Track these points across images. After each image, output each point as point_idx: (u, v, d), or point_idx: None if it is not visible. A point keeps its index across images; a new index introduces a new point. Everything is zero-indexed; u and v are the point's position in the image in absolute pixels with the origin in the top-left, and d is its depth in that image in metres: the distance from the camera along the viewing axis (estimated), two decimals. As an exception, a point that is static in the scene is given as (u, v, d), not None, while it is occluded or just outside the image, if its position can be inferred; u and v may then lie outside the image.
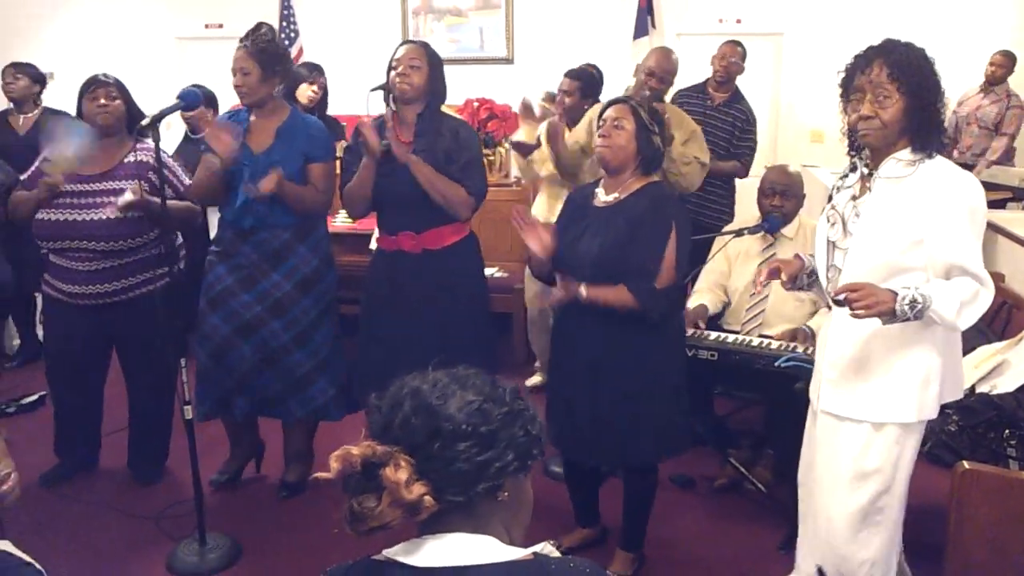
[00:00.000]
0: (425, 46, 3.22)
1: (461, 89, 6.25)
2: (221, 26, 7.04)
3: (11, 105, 4.98)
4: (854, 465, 2.26)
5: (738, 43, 4.98)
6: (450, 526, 1.27)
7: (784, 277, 2.45)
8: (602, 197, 2.80)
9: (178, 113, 3.43)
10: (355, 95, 3.35)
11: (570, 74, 4.39)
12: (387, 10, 7.19)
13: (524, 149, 4.21)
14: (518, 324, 4.98)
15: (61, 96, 5.33)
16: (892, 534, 2.30)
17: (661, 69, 3.99)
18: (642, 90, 3.94)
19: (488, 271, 5.23)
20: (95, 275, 3.31)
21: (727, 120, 4.73)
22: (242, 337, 3.28)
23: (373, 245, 4.35)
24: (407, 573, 1.26)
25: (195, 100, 3.19)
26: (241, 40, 3.22)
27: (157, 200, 3.07)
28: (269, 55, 3.20)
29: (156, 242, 3.36)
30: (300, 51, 7.07)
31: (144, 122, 2.95)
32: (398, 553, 1.29)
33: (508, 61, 7.01)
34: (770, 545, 3.14)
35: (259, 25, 3.27)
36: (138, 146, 3.36)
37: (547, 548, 1.34)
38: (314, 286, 3.34)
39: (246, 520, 3.37)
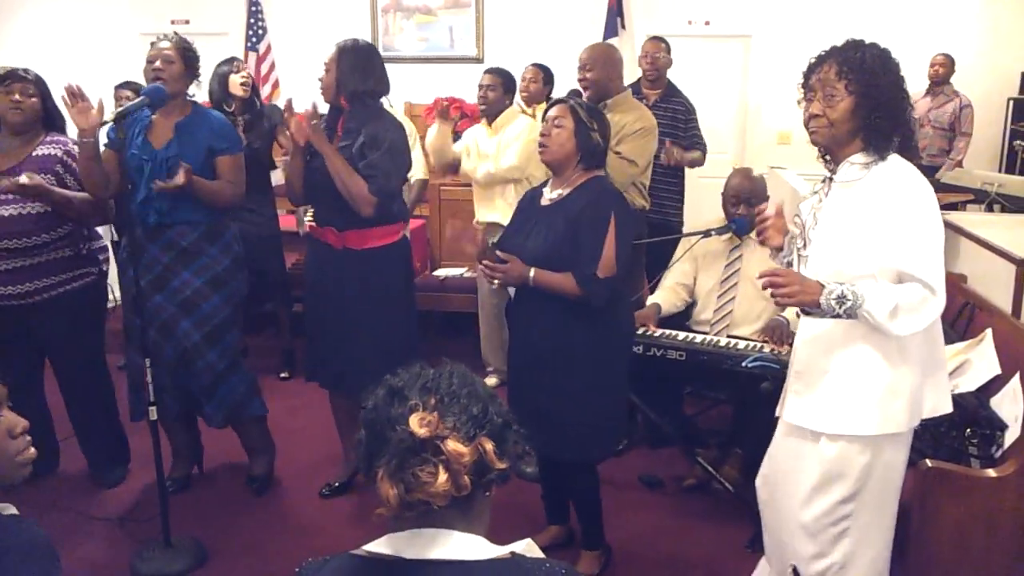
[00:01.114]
0: (340, 46, 3.23)
1: (431, 88, 6.27)
2: (187, 22, 6.96)
3: None
4: (816, 474, 2.24)
5: (661, 39, 5.01)
6: (445, 520, 1.28)
7: (775, 237, 2.42)
8: (547, 195, 2.84)
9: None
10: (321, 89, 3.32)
11: (491, 70, 4.42)
12: (356, 8, 7.15)
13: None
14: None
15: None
16: (867, 539, 2.27)
17: (581, 61, 3.92)
18: None
19: (453, 271, 5.28)
20: (11, 275, 3.23)
21: (666, 115, 4.73)
22: (163, 338, 3.27)
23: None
24: (392, 566, 1.26)
25: (161, 96, 3.15)
26: (160, 37, 3.24)
27: (57, 188, 3.09)
28: (192, 54, 3.25)
29: (68, 239, 3.32)
30: (268, 48, 7.00)
31: (109, 117, 2.91)
32: (382, 546, 1.29)
33: (478, 60, 6.98)
34: (738, 543, 3.17)
35: (175, 33, 3.30)
36: (46, 139, 3.31)
37: (530, 547, 1.35)
38: (225, 285, 3.33)
39: (211, 520, 3.34)
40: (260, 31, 6.99)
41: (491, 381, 4.53)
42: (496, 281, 2.78)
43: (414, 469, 1.23)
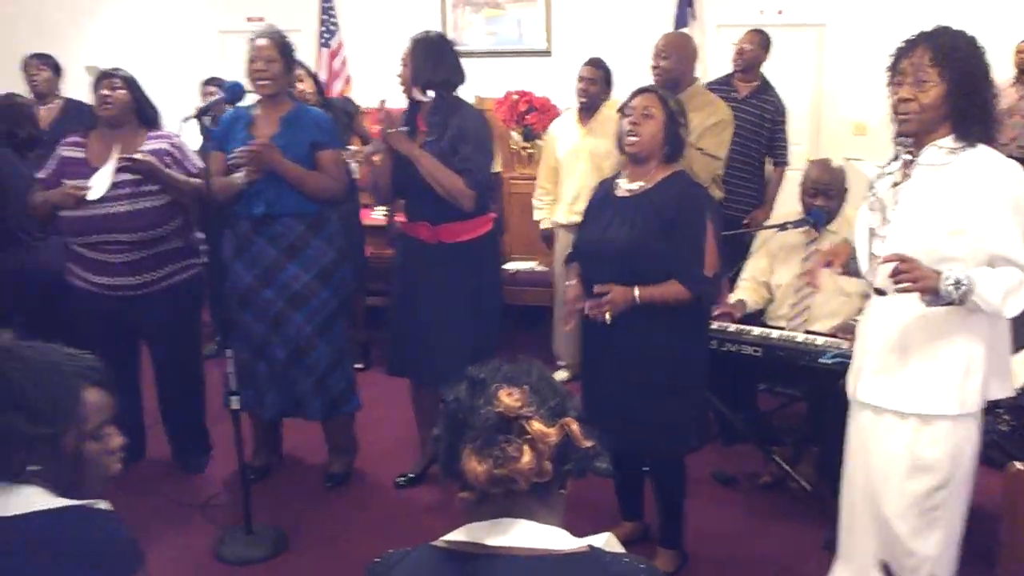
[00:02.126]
0: (414, 39, 3.25)
1: (499, 82, 6.27)
2: (262, 19, 7.08)
3: (32, 97, 4.87)
4: (906, 458, 2.21)
5: (759, 31, 4.88)
6: (525, 509, 1.30)
7: (838, 269, 2.42)
8: (625, 187, 2.79)
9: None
10: (395, 88, 3.36)
11: (592, 62, 4.37)
12: (426, 2, 7.19)
13: None
14: (552, 317, 4.97)
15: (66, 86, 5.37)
16: (953, 531, 2.24)
17: (658, 49, 3.88)
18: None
19: (523, 265, 5.29)
20: (127, 266, 3.34)
21: (754, 111, 4.65)
22: (274, 333, 3.33)
23: None
24: (473, 554, 1.28)
25: (239, 93, 3.22)
26: (258, 32, 3.28)
27: (167, 170, 3.22)
28: (290, 50, 3.30)
29: (179, 233, 3.41)
30: (340, 44, 7.09)
31: (190, 114, 3.00)
32: (461, 535, 1.31)
33: (546, 53, 6.97)
34: (815, 543, 3.10)
35: (270, 25, 3.35)
36: (151, 134, 3.40)
37: (610, 541, 1.36)
38: (332, 277, 3.38)
39: (292, 510, 3.41)
40: (332, 27, 7.09)
41: (561, 375, 4.53)
42: (607, 315, 2.65)
43: (501, 444, 1.26)
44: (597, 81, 4.31)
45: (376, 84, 5.42)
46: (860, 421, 2.37)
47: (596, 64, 4.36)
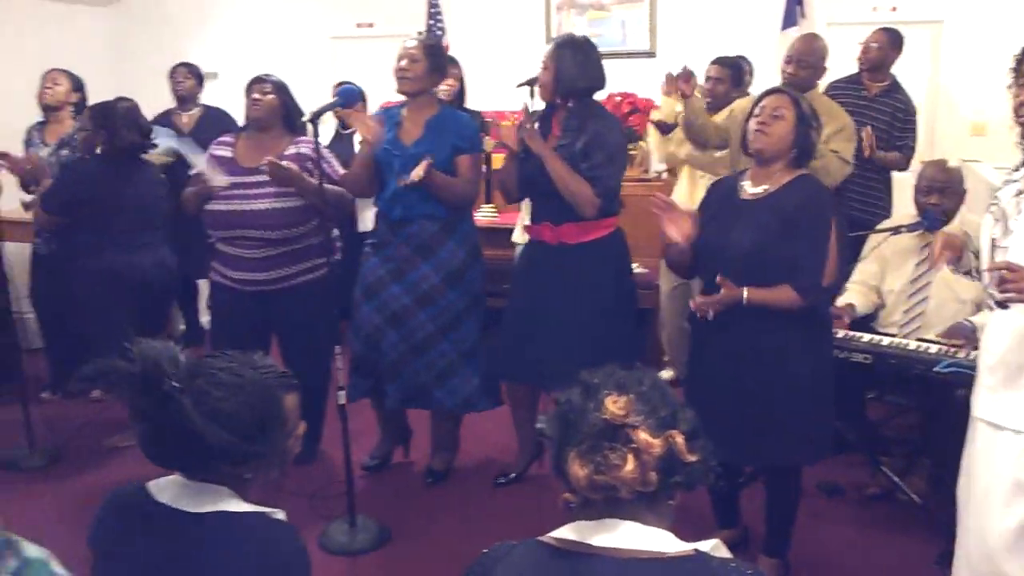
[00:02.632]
0: (559, 43, 3.25)
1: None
2: (372, 25, 7.25)
3: (176, 102, 5.25)
4: (1011, 478, 2.12)
5: (887, 30, 4.73)
6: (631, 512, 1.31)
7: (947, 256, 2.31)
8: (749, 189, 2.73)
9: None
10: (500, 90, 3.40)
11: (719, 61, 4.31)
12: (531, 5, 7.23)
13: (664, 128, 4.19)
14: (656, 320, 4.94)
15: (224, 95, 5.64)
16: None
17: (798, 54, 3.83)
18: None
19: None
20: (261, 263, 3.47)
21: (885, 111, 4.53)
22: (392, 326, 3.40)
23: (516, 237, 4.43)
24: (579, 552, 1.30)
25: (353, 97, 3.31)
26: (411, 37, 3.37)
27: (308, 178, 3.31)
28: (438, 52, 3.39)
29: (315, 232, 3.51)
30: (447, 48, 7.20)
31: (305, 117, 3.10)
32: (569, 532, 1.33)
33: (650, 55, 6.91)
34: (926, 559, 3.00)
35: (428, 30, 3.42)
36: (296, 139, 3.52)
37: (717, 547, 1.36)
38: (461, 279, 3.42)
39: (394, 504, 3.49)
40: (439, 31, 7.20)
41: (666, 374, 4.51)
42: (711, 312, 2.64)
43: (605, 451, 1.27)
44: (724, 80, 4.25)
45: (483, 87, 5.50)
46: (975, 436, 2.28)
47: (723, 63, 4.31)
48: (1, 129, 4.76)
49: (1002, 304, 2.12)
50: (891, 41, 4.65)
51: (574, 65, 3.19)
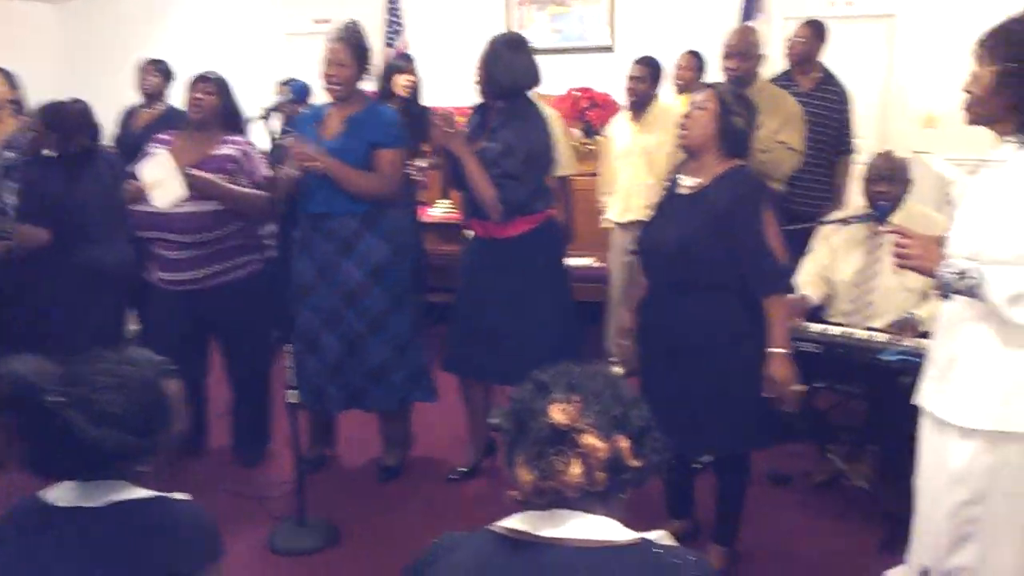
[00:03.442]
0: (489, 41, 3.25)
1: (562, 78, 6.26)
2: (329, 21, 7.20)
3: (141, 100, 5.12)
4: (946, 468, 2.14)
5: (810, 22, 4.75)
6: (581, 505, 1.32)
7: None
8: (685, 183, 2.75)
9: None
10: (460, 87, 3.38)
11: (641, 61, 4.36)
12: (491, 1, 7.22)
13: None
14: (607, 313, 4.95)
15: (178, 92, 5.56)
16: (997, 548, 2.12)
17: (734, 48, 3.86)
18: None
19: (581, 260, 5.26)
20: (186, 262, 3.43)
21: (821, 104, 4.54)
22: (328, 328, 3.37)
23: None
24: (528, 542, 1.31)
25: (304, 93, 3.27)
26: (334, 34, 3.30)
27: (225, 184, 3.27)
28: (364, 51, 3.31)
29: (238, 232, 3.48)
30: (405, 44, 7.17)
31: (258, 114, 3.06)
32: (519, 522, 1.34)
33: (609, 50, 6.93)
34: (870, 544, 3.04)
35: (352, 21, 3.35)
36: (225, 138, 3.47)
37: (663, 538, 1.37)
38: (385, 275, 3.38)
39: (345, 502, 3.46)
40: (398, 27, 7.17)
41: (619, 370, 4.51)
42: (800, 388, 2.67)
43: (550, 457, 1.28)
44: (646, 79, 4.30)
45: (442, 83, 5.47)
46: (922, 426, 2.30)
47: (645, 62, 4.35)
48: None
49: (945, 295, 2.14)
50: (814, 33, 4.68)
51: (500, 64, 3.21)
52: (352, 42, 3.28)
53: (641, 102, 4.30)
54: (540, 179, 3.34)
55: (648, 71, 4.30)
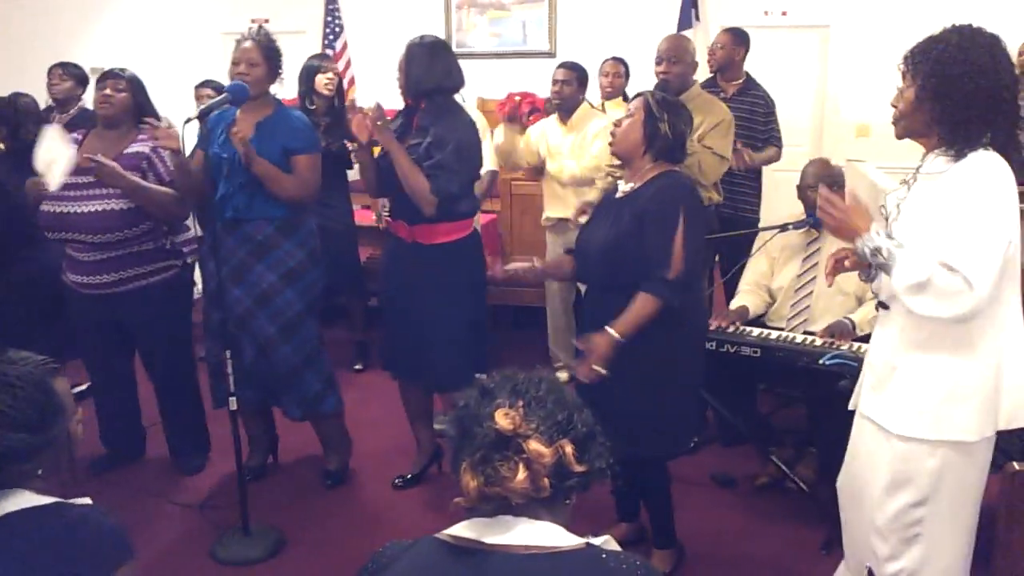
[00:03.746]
0: (408, 45, 3.26)
1: (503, 83, 6.28)
2: (267, 21, 7.12)
3: (53, 104, 4.91)
4: (887, 474, 2.18)
5: (730, 30, 4.83)
6: (527, 511, 1.33)
7: (848, 264, 2.36)
8: (621, 188, 2.81)
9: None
10: (399, 90, 3.37)
11: (565, 65, 4.41)
12: (430, 5, 7.22)
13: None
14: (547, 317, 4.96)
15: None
16: (939, 547, 2.18)
17: (665, 53, 3.91)
18: None
19: (524, 265, 5.25)
20: (96, 265, 3.34)
21: (744, 109, 4.62)
22: (240, 330, 3.33)
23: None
24: (473, 550, 1.31)
25: (243, 94, 3.22)
26: (244, 35, 3.28)
27: (130, 176, 3.20)
28: (276, 53, 3.29)
29: (151, 234, 3.41)
30: (344, 45, 7.12)
31: (191, 116, 2.99)
32: (464, 530, 1.34)
33: (550, 55, 6.99)
34: (812, 545, 3.11)
35: (260, 27, 3.34)
36: (138, 137, 3.40)
37: (608, 543, 1.38)
38: (299, 279, 3.35)
39: (290, 510, 3.41)
40: (337, 29, 7.11)
41: (563, 376, 4.53)
42: (601, 370, 2.63)
43: (495, 463, 1.29)
44: (572, 82, 4.35)
45: (381, 85, 5.43)
46: (858, 431, 2.35)
47: (570, 66, 4.41)
48: None
49: (883, 304, 2.18)
50: (735, 40, 4.78)
51: (420, 67, 3.22)
52: (263, 43, 3.26)
53: (567, 106, 4.35)
54: (470, 175, 3.35)
55: (574, 75, 4.35)
